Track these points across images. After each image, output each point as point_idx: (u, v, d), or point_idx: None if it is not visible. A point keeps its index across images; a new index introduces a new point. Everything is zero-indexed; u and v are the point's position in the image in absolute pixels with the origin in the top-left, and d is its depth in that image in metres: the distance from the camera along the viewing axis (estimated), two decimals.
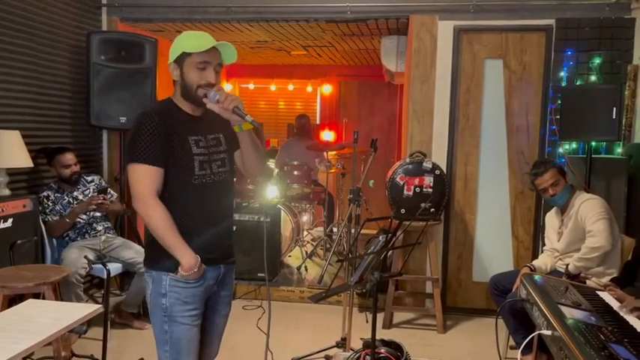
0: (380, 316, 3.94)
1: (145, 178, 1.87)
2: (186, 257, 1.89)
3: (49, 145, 3.81)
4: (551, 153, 4.04)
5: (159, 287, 1.95)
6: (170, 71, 1.98)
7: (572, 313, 2.00)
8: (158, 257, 1.94)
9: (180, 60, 1.95)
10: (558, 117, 3.88)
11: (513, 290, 3.02)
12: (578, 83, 3.95)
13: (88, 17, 4.37)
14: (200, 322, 2.01)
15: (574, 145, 3.98)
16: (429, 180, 3.89)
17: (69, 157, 3.68)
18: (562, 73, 3.97)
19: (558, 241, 3.18)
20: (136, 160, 1.87)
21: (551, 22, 3.98)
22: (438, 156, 4.18)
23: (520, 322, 2.98)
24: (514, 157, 4.15)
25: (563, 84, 3.96)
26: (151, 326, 2.02)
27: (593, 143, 3.69)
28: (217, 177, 2.01)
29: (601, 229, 2.93)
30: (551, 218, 3.32)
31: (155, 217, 1.87)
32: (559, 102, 3.90)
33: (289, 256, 5.36)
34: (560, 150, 4.01)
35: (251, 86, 8.11)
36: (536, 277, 2.59)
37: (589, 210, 3.00)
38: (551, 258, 3.23)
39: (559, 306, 2.06)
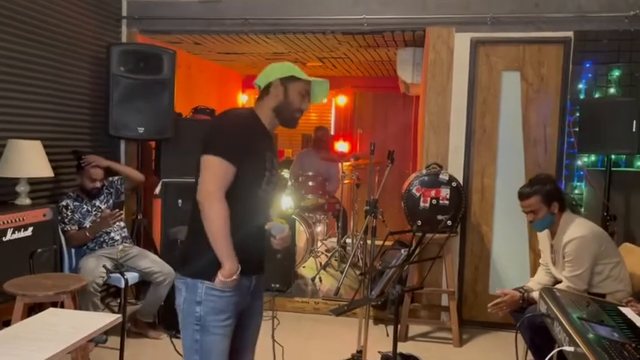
0: None
1: (221, 175, 1.87)
2: (231, 263, 1.89)
3: (81, 149, 3.89)
4: (569, 166, 4.01)
5: (193, 295, 1.93)
6: (269, 86, 2.04)
7: (594, 329, 1.97)
8: (195, 264, 1.93)
9: (287, 81, 2.03)
10: (577, 129, 3.86)
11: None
12: (596, 96, 3.92)
13: (108, 29, 4.44)
14: (231, 334, 2.00)
15: (593, 158, 3.95)
16: (445, 192, 3.87)
17: (98, 173, 3.72)
18: (580, 86, 3.95)
19: (554, 264, 3.14)
20: (219, 153, 1.87)
21: (570, 34, 3.97)
22: (455, 168, 4.17)
23: (539, 338, 2.94)
24: (531, 170, 4.11)
25: (582, 96, 3.93)
26: (181, 334, 2.00)
27: (613, 156, 3.65)
28: (270, 195, 2.07)
29: (575, 281, 2.88)
30: (543, 235, 3.23)
31: (219, 216, 1.86)
32: (577, 114, 3.88)
33: (303, 266, 5.35)
34: (579, 163, 3.97)
35: None
36: (557, 291, 2.56)
37: (572, 252, 2.90)
38: (545, 274, 3.19)
39: (581, 322, 2.03)
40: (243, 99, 8.06)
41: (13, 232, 3.14)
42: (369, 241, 3.56)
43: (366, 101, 7.78)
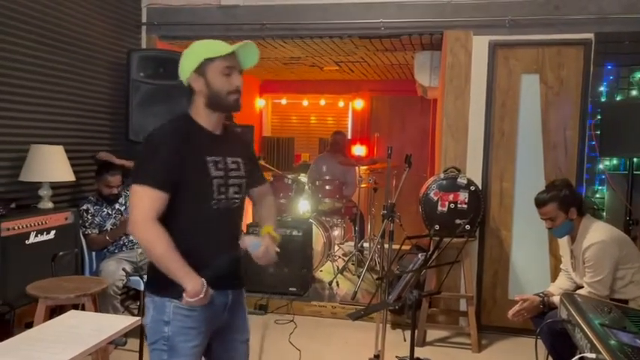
0: None
1: (148, 202, 1.73)
2: (192, 282, 1.73)
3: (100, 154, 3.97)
4: (590, 169, 3.95)
5: (161, 315, 1.80)
6: (190, 84, 1.84)
7: (616, 336, 1.94)
8: (162, 282, 1.77)
9: (202, 69, 1.81)
10: (598, 132, 3.80)
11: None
12: (618, 98, 3.86)
13: (128, 36, 4.51)
14: (201, 355, 1.88)
15: (615, 162, 3.88)
16: (463, 196, 3.84)
17: (115, 180, 3.76)
18: (602, 88, 3.89)
19: (574, 270, 3.10)
20: (143, 181, 1.74)
21: (590, 36, 3.92)
22: (473, 171, 4.13)
23: (560, 344, 2.89)
24: (551, 174, 4.06)
25: (603, 99, 3.87)
26: (149, 354, 1.86)
27: (635, 159, 3.58)
28: (232, 203, 1.89)
29: (596, 287, 2.82)
30: (563, 240, 3.18)
31: (156, 242, 1.72)
32: (598, 117, 3.82)
33: (320, 270, 5.35)
34: (601, 166, 3.91)
35: (283, 101, 8.20)
36: (578, 297, 2.52)
37: (592, 258, 2.85)
38: (566, 279, 3.15)
39: (603, 328, 2.00)
40: (261, 103, 8.11)
41: (36, 236, 3.20)
42: (386, 245, 3.54)
43: (384, 105, 7.77)
